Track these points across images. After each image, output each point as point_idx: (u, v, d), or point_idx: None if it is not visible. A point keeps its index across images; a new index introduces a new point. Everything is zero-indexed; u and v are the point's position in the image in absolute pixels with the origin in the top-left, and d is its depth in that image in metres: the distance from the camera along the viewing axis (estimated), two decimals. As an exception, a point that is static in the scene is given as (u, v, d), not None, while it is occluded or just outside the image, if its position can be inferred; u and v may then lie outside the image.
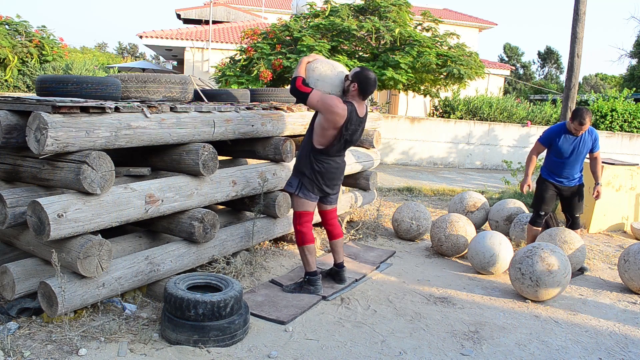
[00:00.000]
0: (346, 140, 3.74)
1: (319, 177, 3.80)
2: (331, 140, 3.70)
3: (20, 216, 3.01)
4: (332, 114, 3.58)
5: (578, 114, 4.51)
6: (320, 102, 3.59)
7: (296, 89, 3.65)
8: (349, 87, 3.69)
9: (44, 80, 3.39)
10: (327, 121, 3.63)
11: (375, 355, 3.02)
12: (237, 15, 21.03)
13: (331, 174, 3.86)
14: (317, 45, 9.78)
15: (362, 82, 3.66)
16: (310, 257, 3.85)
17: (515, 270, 3.99)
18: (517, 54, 43.36)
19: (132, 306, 3.35)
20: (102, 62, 23.81)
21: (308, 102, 3.62)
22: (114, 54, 45.33)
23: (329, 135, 3.68)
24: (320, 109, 3.63)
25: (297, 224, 3.87)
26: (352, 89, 3.68)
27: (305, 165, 3.80)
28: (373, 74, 3.73)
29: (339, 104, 3.58)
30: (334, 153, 3.79)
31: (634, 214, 6.66)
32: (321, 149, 3.75)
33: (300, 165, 3.85)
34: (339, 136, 3.68)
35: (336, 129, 3.64)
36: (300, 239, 3.84)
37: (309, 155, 3.78)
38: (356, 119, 3.69)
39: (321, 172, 3.80)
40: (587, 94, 19.92)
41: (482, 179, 11.23)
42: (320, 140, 3.72)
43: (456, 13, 23.19)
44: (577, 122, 4.51)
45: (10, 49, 13.49)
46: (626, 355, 3.22)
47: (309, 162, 3.77)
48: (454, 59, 10.32)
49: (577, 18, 6.58)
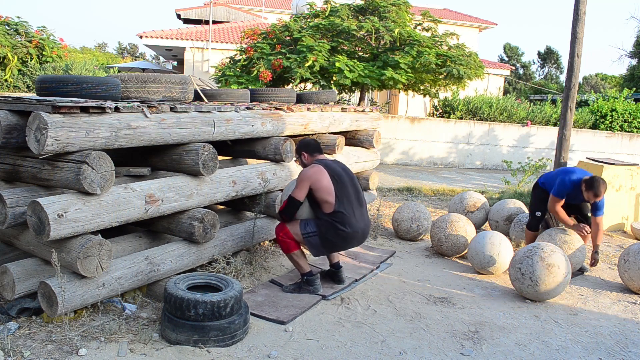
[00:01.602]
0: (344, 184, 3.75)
1: (340, 241, 3.78)
2: (334, 194, 3.70)
3: (20, 216, 3.01)
4: (313, 176, 3.69)
5: (594, 186, 4.35)
6: (299, 183, 3.72)
7: (284, 209, 3.78)
8: (302, 159, 4.00)
9: (44, 80, 3.39)
10: (316, 183, 3.68)
11: (375, 355, 3.02)
12: (237, 15, 21.03)
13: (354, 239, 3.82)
14: (316, 46, 9.79)
15: (305, 146, 3.97)
16: (300, 260, 3.85)
17: (515, 270, 3.98)
18: (517, 54, 43.36)
19: (132, 306, 3.36)
20: (102, 62, 23.80)
21: (297, 197, 3.70)
22: (114, 54, 45.32)
23: (329, 191, 3.69)
24: (305, 185, 3.70)
25: (280, 234, 3.84)
26: (305, 158, 3.97)
27: (329, 230, 3.73)
28: (305, 138, 4.06)
29: (308, 168, 3.78)
30: (349, 209, 3.74)
31: (634, 214, 6.66)
32: (335, 212, 3.71)
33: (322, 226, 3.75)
34: (336, 186, 3.71)
35: (329, 183, 3.69)
36: (285, 247, 3.84)
37: (331, 223, 3.72)
38: (332, 162, 3.86)
39: (345, 237, 3.75)
40: (587, 94, 19.94)
41: (482, 179, 11.23)
42: (327, 205, 3.71)
43: (456, 13, 23.19)
44: (593, 193, 4.38)
45: (10, 49, 13.48)
46: (626, 355, 3.22)
47: (333, 226, 3.71)
48: (453, 59, 10.32)
49: (577, 18, 6.58)
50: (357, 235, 3.80)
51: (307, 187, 3.69)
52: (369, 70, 10.03)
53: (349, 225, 3.71)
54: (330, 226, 3.70)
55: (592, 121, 14.93)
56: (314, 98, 6.29)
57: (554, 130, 13.28)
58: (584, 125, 14.80)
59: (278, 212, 3.90)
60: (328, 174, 3.72)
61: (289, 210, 3.74)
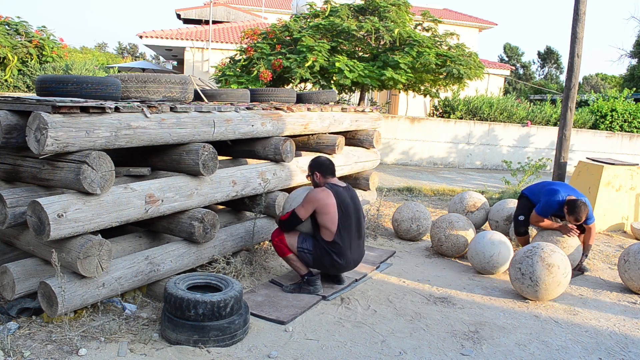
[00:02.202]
0: (349, 217, 3.74)
1: (332, 268, 3.83)
2: (337, 224, 3.69)
3: (20, 216, 3.01)
4: (321, 201, 3.67)
5: (575, 212, 4.41)
6: (306, 203, 3.70)
7: (284, 222, 3.78)
8: (314, 179, 3.91)
9: (44, 80, 3.39)
10: (323, 208, 3.67)
11: (375, 355, 3.02)
12: (237, 15, 21.03)
13: (344, 268, 3.86)
14: (316, 46, 9.79)
15: (319, 167, 3.91)
16: (297, 262, 3.86)
17: (515, 270, 3.98)
18: (517, 54, 43.36)
19: (132, 306, 3.36)
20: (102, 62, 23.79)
21: (300, 215, 3.69)
22: (114, 54, 45.31)
23: (332, 221, 3.68)
24: (311, 207, 3.68)
25: (275, 239, 3.85)
26: (317, 178, 3.90)
27: (324, 256, 3.75)
28: (323, 157, 4.01)
29: (319, 191, 3.73)
30: (347, 241, 3.75)
31: (634, 214, 6.66)
32: (333, 241, 3.72)
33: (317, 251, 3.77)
34: (341, 217, 3.69)
35: (335, 213, 3.68)
36: (280, 251, 3.86)
37: (326, 249, 3.73)
38: (343, 191, 3.81)
39: (337, 266, 3.79)
40: (587, 94, 19.93)
41: (482, 179, 11.23)
42: (327, 232, 3.71)
43: (456, 13, 23.19)
44: (574, 218, 4.46)
45: (10, 49, 13.48)
46: (626, 355, 3.22)
47: (329, 255, 3.73)
48: (453, 59, 10.32)
49: (577, 18, 6.58)
50: (348, 266, 3.88)
51: (312, 209, 3.69)
52: (369, 71, 10.03)
53: (343, 258, 3.76)
54: (325, 253, 3.74)
55: (592, 121, 14.93)
56: (314, 98, 6.29)
57: (554, 130, 13.28)
58: (584, 125, 14.80)
59: (278, 220, 3.90)
60: (336, 203, 3.70)
61: (289, 224, 3.77)
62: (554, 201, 4.62)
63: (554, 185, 4.84)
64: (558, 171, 6.72)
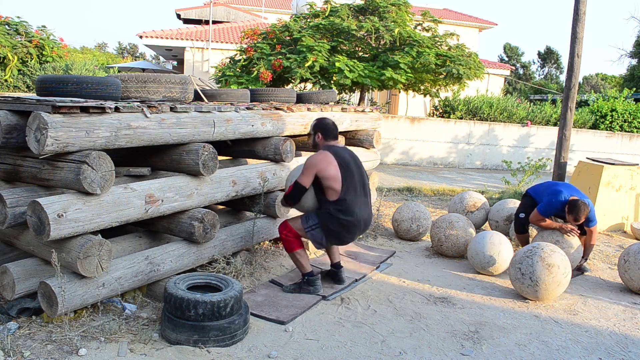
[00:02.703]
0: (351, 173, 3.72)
1: (343, 231, 3.75)
2: (341, 182, 3.66)
3: (20, 216, 3.01)
4: (320, 163, 3.65)
5: (575, 211, 4.43)
6: (306, 169, 3.68)
7: (289, 194, 3.76)
8: (315, 139, 3.90)
9: (44, 80, 3.39)
10: (323, 171, 3.64)
11: (375, 355, 3.02)
12: (237, 15, 21.03)
13: (356, 227, 3.78)
14: (316, 46, 9.79)
15: (322, 128, 3.89)
16: (302, 259, 3.85)
17: (515, 270, 3.98)
18: (517, 54, 43.37)
19: (132, 306, 3.36)
20: (102, 62, 23.79)
21: (303, 183, 3.67)
22: (114, 54, 45.30)
23: (336, 179, 3.65)
24: (311, 172, 3.66)
25: (283, 233, 3.85)
26: (319, 139, 3.89)
27: (331, 220, 3.71)
28: (328, 119, 3.97)
29: (317, 155, 3.72)
30: (353, 198, 3.72)
31: (634, 214, 6.66)
32: (339, 200, 3.68)
33: (324, 218, 3.73)
34: (344, 174, 3.67)
35: (336, 170, 3.65)
36: (288, 246, 3.85)
37: (332, 210, 3.69)
38: (342, 150, 3.80)
39: (347, 226, 3.72)
40: (587, 94, 19.93)
41: (482, 179, 11.23)
42: (332, 192, 3.68)
43: (456, 13, 23.19)
44: (573, 217, 4.48)
45: (10, 49, 13.48)
46: (626, 355, 3.22)
47: (335, 217, 3.69)
48: (453, 59, 10.32)
49: (577, 18, 6.58)
50: (359, 224, 3.77)
51: (313, 173, 3.65)
52: (369, 70, 10.03)
53: (352, 214, 3.69)
54: (333, 216, 3.69)
55: (592, 121, 14.93)
56: (314, 98, 6.29)
57: (554, 130, 13.28)
58: (584, 125, 14.80)
59: (283, 197, 3.85)
60: (336, 161, 3.67)
61: (294, 195, 3.72)
62: (556, 201, 4.62)
63: (559, 186, 4.84)
64: (558, 171, 6.72)
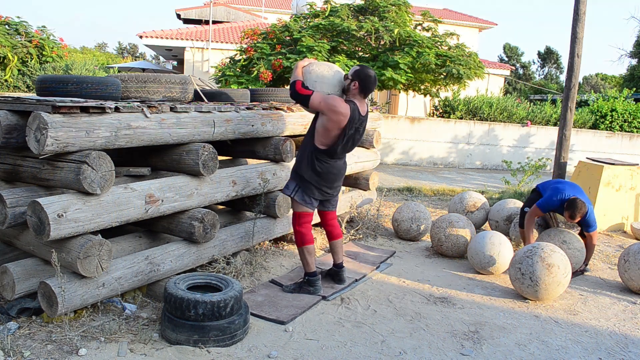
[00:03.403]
0: (349, 139, 3.70)
1: (319, 179, 3.76)
2: (335, 140, 3.66)
3: (20, 216, 3.01)
4: (335, 114, 3.56)
5: (571, 208, 4.45)
6: (323, 102, 3.57)
7: (296, 92, 3.64)
8: (350, 85, 3.68)
9: (44, 80, 3.39)
10: (330, 121, 3.59)
11: (375, 355, 3.02)
12: (237, 15, 21.03)
13: (333, 175, 3.82)
14: (316, 46, 9.78)
15: (362, 79, 3.64)
16: (310, 257, 3.84)
17: (515, 270, 3.98)
18: (517, 54, 43.38)
19: (132, 306, 3.35)
20: (102, 62, 23.81)
21: (310, 104, 3.60)
22: (114, 54, 45.31)
23: (332, 136, 3.65)
24: (323, 109, 3.59)
25: (296, 224, 3.86)
26: (353, 87, 3.66)
27: (306, 168, 3.74)
28: (373, 71, 3.71)
29: (342, 104, 3.58)
30: (336, 154, 3.75)
31: (634, 214, 6.66)
32: (324, 150, 3.70)
33: (300, 168, 3.79)
34: (342, 136, 3.65)
35: (339, 129, 3.62)
36: (300, 239, 3.84)
37: (311, 156, 3.72)
38: (358, 118, 3.67)
39: (322, 174, 3.75)
40: (587, 94, 19.93)
41: (482, 179, 11.23)
42: (323, 140, 3.68)
43: (456, 13, 23.19)
44: (569, 214, 4.49)
45: (10, 49, 13.48)
46: (626, 355, 3.22)
47: (310, 163, 3.72)
48: (453, 59, 10.32)
49: (577, 18, 6.57)
50: (333, 170, 3.78)
51: (325, 109, 3.56)
52: (369, 70, 10.02)
53: (326, 163, 3.71)
54: (309, 164, 3.70)
55: (592, 121, 14.93)
56: (314, 98, 6.28)
57: (554, 130, 13.28)
58: (584, 125, 14.80)
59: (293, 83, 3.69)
60: (347, 127, 3.60)
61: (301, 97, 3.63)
62: (556, 199, 4.64)
63: (564, 184, 4.84)
64: (558, 171, 6.72)
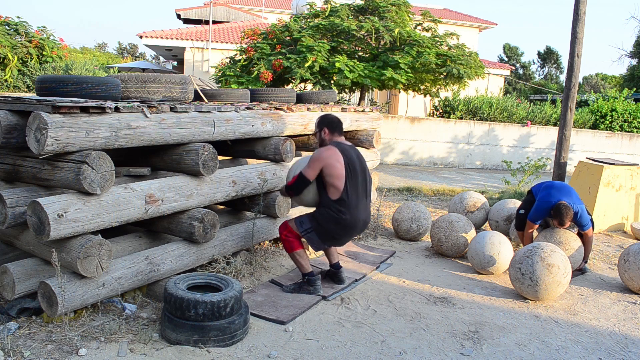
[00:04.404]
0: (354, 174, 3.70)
1: (342, 232, 3.74)
2: (344, 182, 3.65)
3: (20, 216, 3.01)
4: (328, 159, 3.63)
5: (558, 215, 4.43)
6: (311, 161, 3.66)
7: (292, 185, 3.73)
8: (321, 135, 3.88)
9: (44, 80, 3.39)
10: (329, 167, 3.62)
11: (375, 355, 3.02)
12: (237, 15, 21.03)
13: (356, 230, 3.79)
14: (316, 46, 9.79)
15: (328, 123, 3.87)
16: (302, 260, 3.85)
17: (515, 270, 3.98)
18: (517, 54, 43.36)
19: (132, 306, 3.35)
20: (102, 62, 23.81)
21: (306, 174, 3.65)
22: (114, 54, 45.30)
23: (340, 177, 3.64)
24: (317, 166, 3.64)
25: (283, 233, 3.86)
26: (325, 135, 3.87)
27: (328, 220, 3.69)
28: (330, 114, 3.98)
29: (325, 149, 3.69)
30: (354, 199, 3.71)
31: (634, 214, 6.66)
32: (338, 200, 3.67)
33: (321, 218, 3.72)
34: (348, 174, 3.66)
35: (342, 169, 3.64)
36: (288, 246, 3.85)
37: (330, 210, 3.68)
38: (349, 149, 3.78)
39: (346, 227, 3.72)
40: (587, 94, 19.93)
41: (482, 179, 11.23)
42: (334, 190, 3.67)
43: (456, 13, 23.19)
44: (557, 222, 4.49)
45: (10, 49, 13.49)
46: (626, 355, 3.22)
47: (332, 217, 3.68)
48: (453, 59, 10.32)
49: (577, 18, 6.57)
50: (357, 224, 3.77)
51: (319, 168, 3.63)
52: (369, 71, 10.03)
53: (351, 214, 3.68)
54: (331, 215, 3.68)
55: (592, 121, 14.93)
56: (314, 98, 6.29)
57: (554, 130, 13.28)
58: (584, 125, 14.80)
59: (285, 186, 3.82)
60: (343, 159, 3.65)
61: (297, 186, 3.69)
62: (545, 208, 4.61)
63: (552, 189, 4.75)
64: (558, 171, 6.73)
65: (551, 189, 4.76)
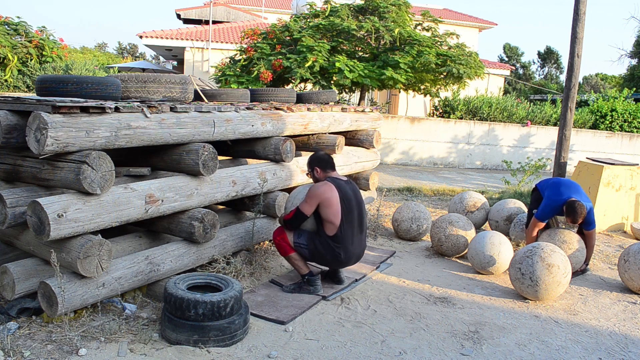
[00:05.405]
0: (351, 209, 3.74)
1: (331, 258, 3.79)
2: (340, 218, 3.68)
3: (20, 216, 3.01)
4: (324, 194, 3.66)
5: (572, 213, 4.42)
6: (308, 197, 3.70)
7: (290, 220, 3.77)
8: (313, 175, 3.93)
9: (44, 80, 3.39)
10: (326, 202, 3.66)
11: (375, 355, 3.02)
12: (237, 15, 21.03)
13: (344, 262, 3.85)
14: (316, 46, 9.79)
15: (318, 162, 3.93)
16: (299, 262, 3.86)
17: (515, 270, 3.98)
18: (517, 54, 43.35)
19: (132, 306, 3.35)
20: (102, 62, 23.81)
21: (303, 209, 3.70)
22: (114, 54, 45.28)
23: (336, 214, 3.67)
24: (314, 202, 3.67)
25: (278, 238, 3.87)
26: (317, 173, 3.92)
27: (327, 250, 3.75)
28: (318, 152, 4.06)
29: (321, 184, 3.73)
30: (349, 235, 3.75)
31: (634, 214, 6.66)
32: (334, 235, 3.72)
33: (320, 245, 3.76)
34: (344, 209, 3.69)
35: (337, 205, 3.67)
36: (282, 251, 3.86)
37: (328, 244, 3.74)
38: (345, 185, 3.81)
39: (342, 262, 3.81)
40: (587, 94, 19.93)
41: (482, 179, 11.23)
42: (331, 227, 3.71)
43: (456, 13, 23.19)
44: (570, 219, 4.48)
45: (10, 49, 13.49)
46: (626, 355, 3.22)
47: (330, 250, 3.74)
48: (453, 59, 10.32)
49: (577, 18, 6.58)
50: (351, 260, 3.87)
51: (316, 203, 3.68)
52: (369, 70, 10.03)
53: (345, 252, 3.76)
54: (328, 248, 3.74)
55: (592, 121, 14.93)
56: (314, 98, 6.29)
57: (554, 130, 13.28)
58: (584, 125, 14.80)
59: (282, 220, 3.88)
60: (339, 196, 3.70)
61: (295, 222, 3.76)
62: (554, 206, 4.59)
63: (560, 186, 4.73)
64: (558, 171, 6.73)
65: (560, 187, 4.73)
